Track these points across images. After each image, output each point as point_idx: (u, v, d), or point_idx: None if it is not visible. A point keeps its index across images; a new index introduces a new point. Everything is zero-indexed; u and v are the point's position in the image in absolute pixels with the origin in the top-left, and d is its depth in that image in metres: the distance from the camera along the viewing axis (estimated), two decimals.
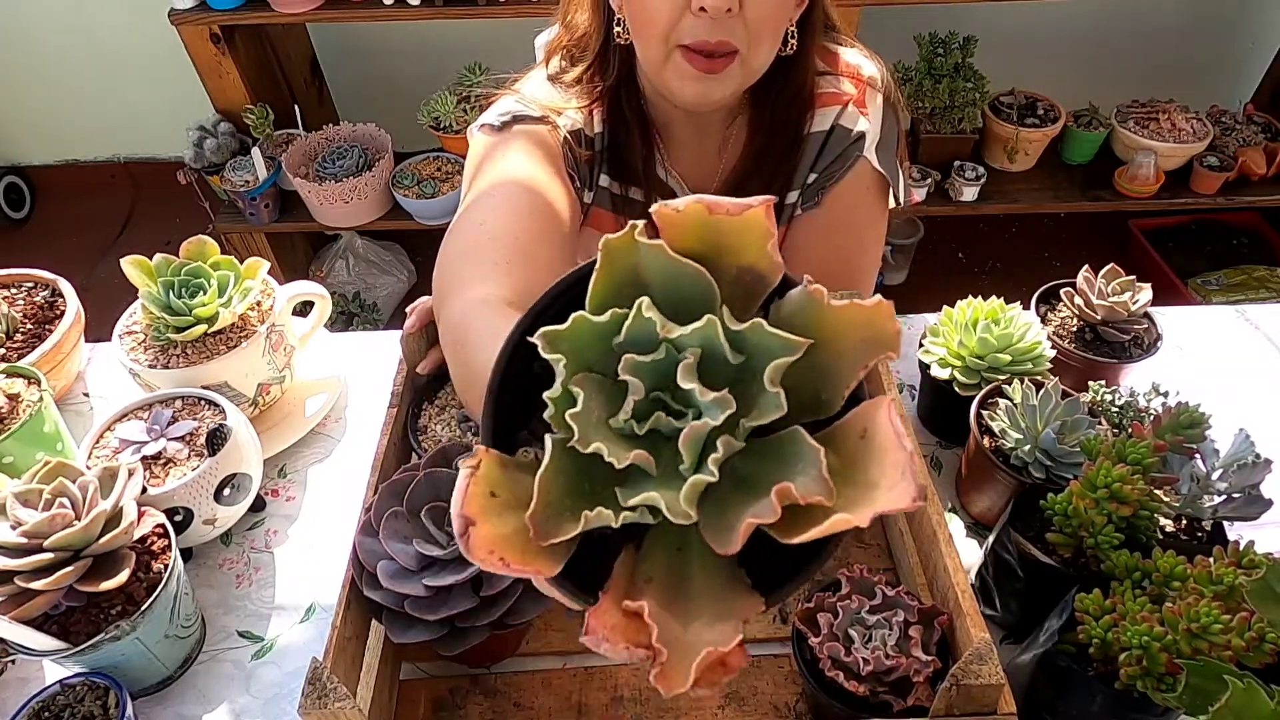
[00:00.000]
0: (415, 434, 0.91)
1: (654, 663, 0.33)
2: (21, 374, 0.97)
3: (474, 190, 0.87)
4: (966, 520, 0.94)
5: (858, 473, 0.34)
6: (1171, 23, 2.48)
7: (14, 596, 0.72)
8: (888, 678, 0.68)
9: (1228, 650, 0.60)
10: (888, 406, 0.34)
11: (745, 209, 0.35)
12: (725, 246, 0.37)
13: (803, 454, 0.34)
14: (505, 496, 0.35)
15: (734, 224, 0.36)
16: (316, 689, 0.63)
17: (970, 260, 2.71)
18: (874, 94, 0.98)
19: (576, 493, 0.36)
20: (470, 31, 2.40)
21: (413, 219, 2.26)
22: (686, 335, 0.34)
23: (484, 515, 0.34)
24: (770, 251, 0.36)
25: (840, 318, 0.35)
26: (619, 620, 0.34)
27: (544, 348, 0.35)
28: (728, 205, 0.35)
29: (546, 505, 0.35)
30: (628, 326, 0.35)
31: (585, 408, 0.34)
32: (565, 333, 0.35)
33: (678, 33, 0.80)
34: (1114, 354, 0.98)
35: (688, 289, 0.36)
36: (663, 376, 0.36)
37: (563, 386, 0.35)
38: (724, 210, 0.35)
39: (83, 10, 2.50)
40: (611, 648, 0.33)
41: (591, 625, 0.34)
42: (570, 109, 0.94)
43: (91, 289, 2.50)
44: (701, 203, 0.35)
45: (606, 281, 0.36)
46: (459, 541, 0.34)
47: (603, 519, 0.34)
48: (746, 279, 0.37)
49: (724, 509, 0.35)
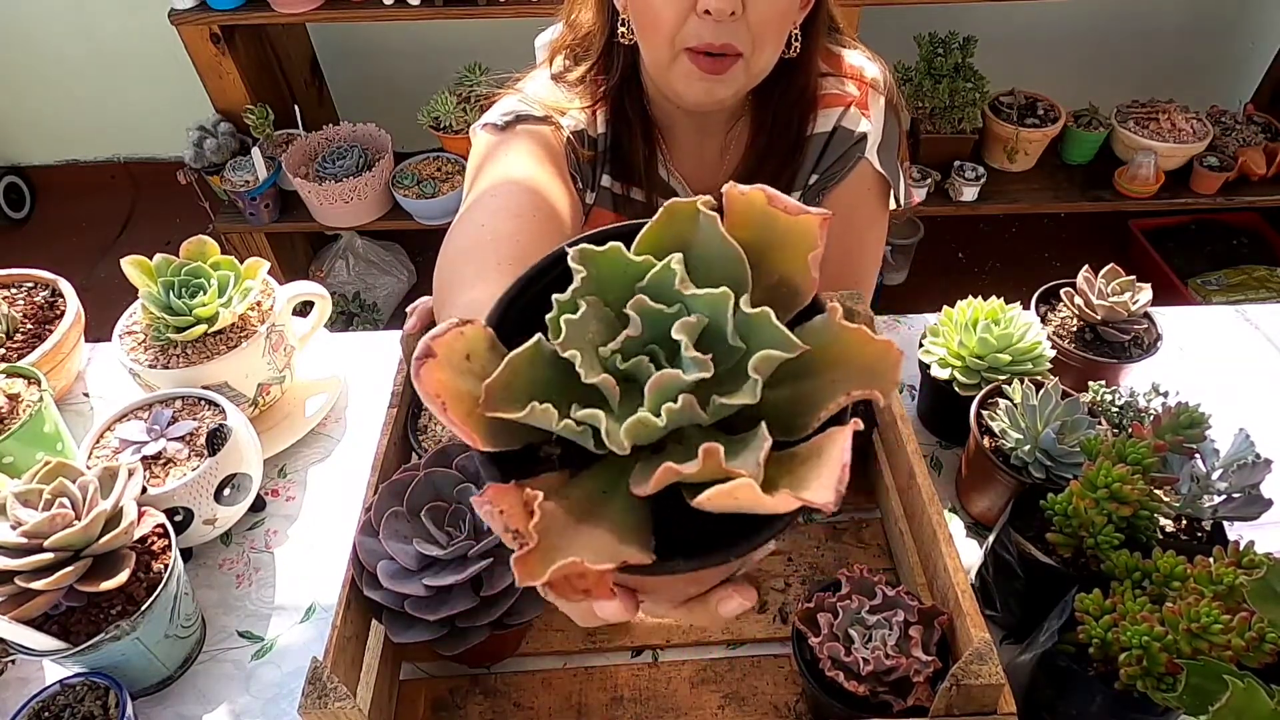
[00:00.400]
0: (415, 434, 0.91)
1: (521, 545, 0.33)
2: (21, 374, 0.97)
3: (476, 190, 0.87)
4: (966, 520, 0.94)
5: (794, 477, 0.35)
6: (1171, 23, 2.48)
7: (14, 596, 0.72)
8: (888, 678, 0.68)
9: (1228, 650, 0.60)
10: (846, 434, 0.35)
11: (802, 212, 0.36)
12: (772, 248, 0.37)
13: (751, 441, 0.35)
14: (476, 368, 0.36)
15: (788, 224, 0.37)
16: (316, 689, 0.63)
17: (970, 260, 2.71)
18: (876, 96, 0.98)
19: (537, 388, 0.36)
20: (470, 31, 2.40)
21: (413, 219, 2.26)
22: (700, 297, 0.35)
23: (447, 362, 0.35)
24: (810, 265, 0.37)
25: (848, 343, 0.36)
26: (513, 504, 0.34)
27: (574, 258, 0.36)
28: (788, 204, 0.36)
29: (505, 384, 0.35)
30: (652, 273, 0.36)
31: (582, 319, 0.35)
32: (598, 255, 0.36)
33: (682, 35, 0.80)
34: (1114, 354, 0.98)
35: (724, 271, 0.37)
36: (664, 332, 0.36)
37: (572, 294, 0.35)
38: (782, 206, 0.36)
39: (83, 10, 2.50)
40: (491, 514, 0.34)
41: (488, 493, 0.34)
42: (573, 109, 0.94)
43: (91, 289, 2.50)
44: (764, 191, 0.36)
45: (657, 235, 0.37)
46: (412, 367, 0.34)
47: (545, 416, 0.34)
48: (782, 290, 0.38)
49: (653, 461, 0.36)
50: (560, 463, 0.39)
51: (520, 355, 0.35)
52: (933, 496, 0.77)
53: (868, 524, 0.91)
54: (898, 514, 0.85)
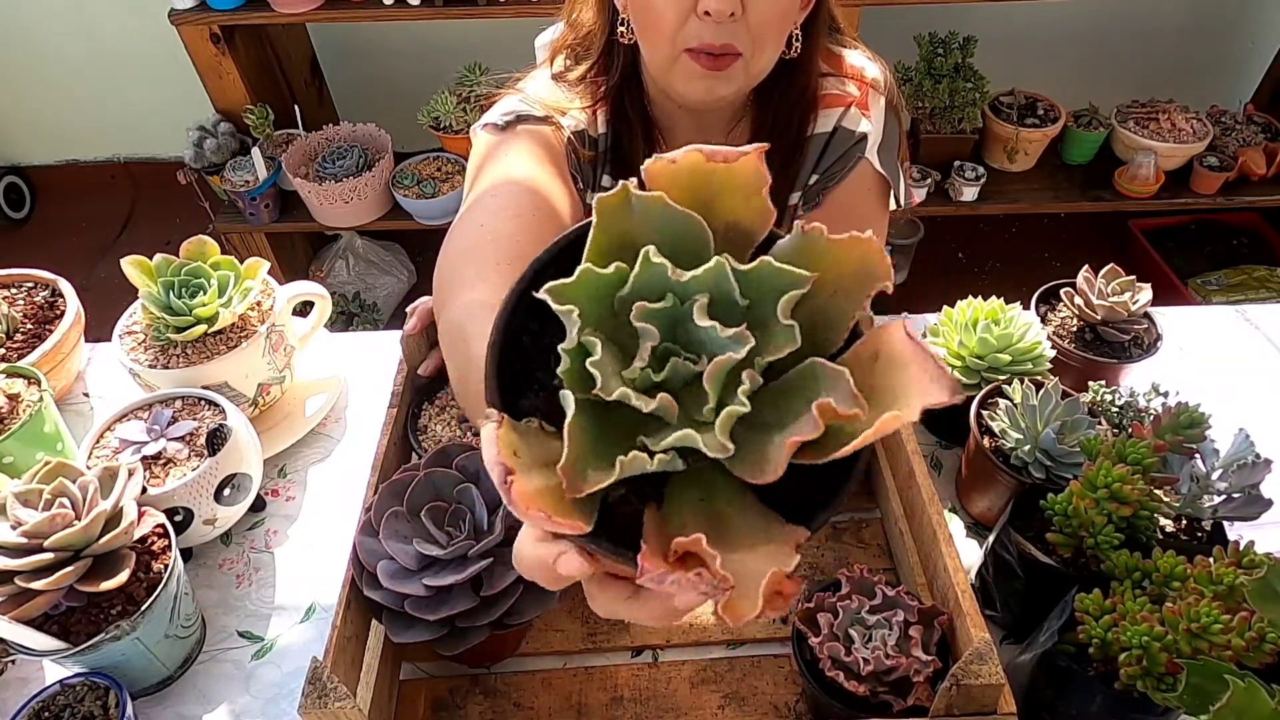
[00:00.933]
0: (415, 434, 0.91)
1: (721, 591, 0.32)
2: (21, 374, 0.97)
3: (476, 190, 0.87)
4: (966, 520, 0.94)
5: (882, 391, 0.34)
6: (1171, 23, 2.48)
7: (14, 596, 0.72)
8: (888, 678, 0.68)
9: (1228, 650, 0.60)
10: (901, 325, 0.34)
11: (740, 155, 0.35)
12: (717, 199, 0.37)
13: (826, 377, 0.34)
14: (525, 459, 0.35)
15: (728, 172, 0.36)
16: (316, 689, 0.63)
17: (970, 260, 2.71)
18: (876, 96, 0.98)
19: (602, 443, 0.35)
20: (470, 31, 2.40)
21: (413, 219, 2.26)
22: (698, 276, 0.34)
23: (517, 469, 0.34)
24: (761, 199, 0.36)
25: (836, 253, 0.36)
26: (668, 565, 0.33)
27: (553, 299, 0.34)
28: (724, 153, 0.36)
29: (577, 458, 0.34)
30: (635, 275, 0.35)
31: (603, 357, 0.34)
32: (572, 286, 0.35)
33: (683, 35, 0.80)
34: (1114, 354, 0.98)
35: (684, 240, 0.36)
36: (669, 327, 0.35)
37: (577, 338, 0.34)
38: (720, 157, 0.36)
39: (83, 10, 2.50)
40: (681, 582, 0.32)
41: (645, 567, 0.33)
42: (574, 109, 0.94)
43: (91, 289, 2.49)
44: (699, 151, 0.36)
45: (602, 240, 0.36)
46: (501, 490, 0.33)
47: (638, 463, 0.33)
48: (734, 235, 0.37)
49: (754, 445, 0.35)
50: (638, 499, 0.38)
51: (573, 425, 0.34)
52: (933, 496, 0.77)
53: (868, 524, 0.91)
54: (898, 514, 0.85)
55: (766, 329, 0.35)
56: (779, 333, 0.34)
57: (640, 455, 0.33)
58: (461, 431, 0.90)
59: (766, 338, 0.35)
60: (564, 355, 0.35)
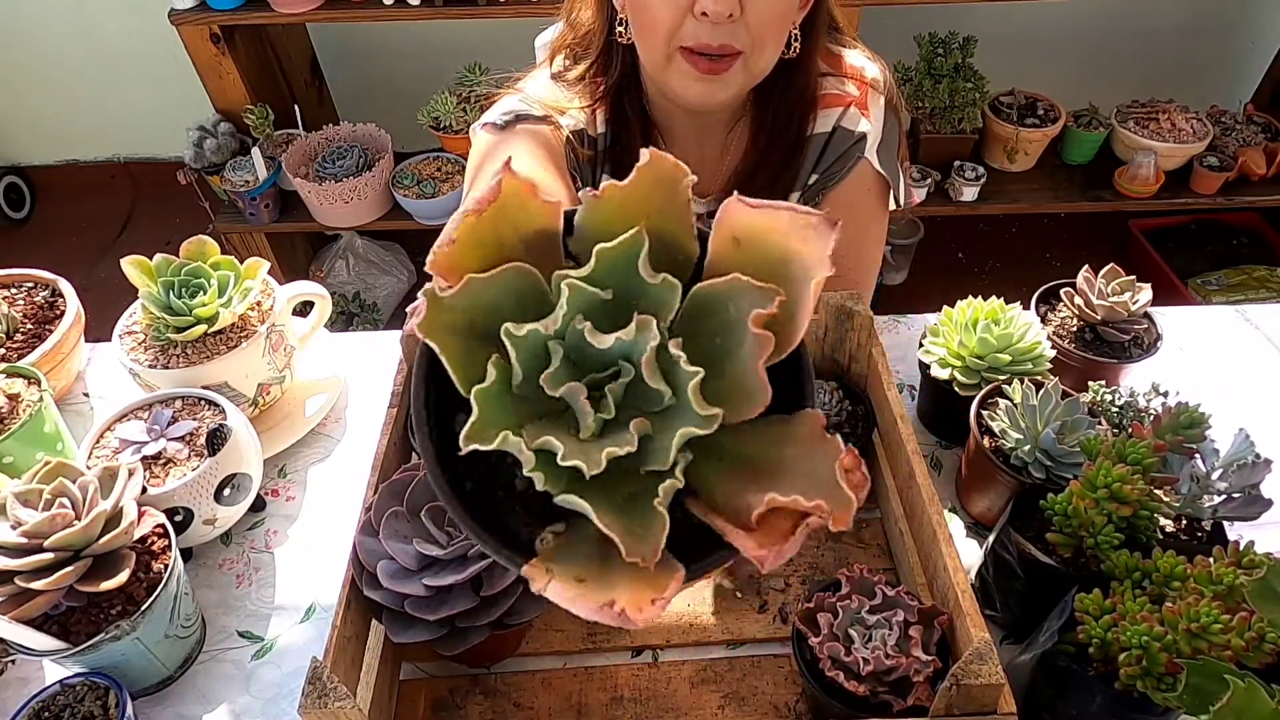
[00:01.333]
0: (415, 434, 0.91)
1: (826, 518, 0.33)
2: (21, 374, 0.97)
3: (475, 189, 0.87)
4: (966, 520, 0.94)
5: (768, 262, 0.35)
6: (1171, 23, 2.48)
7: (14, 596, 0.72)
8: (888, 678, 0.68)
9: (1228, 650, 0.60)
10: (734, 200, 0.36)
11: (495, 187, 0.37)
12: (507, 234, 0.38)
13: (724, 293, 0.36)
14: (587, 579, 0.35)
15: (498, 208, 0.37)
16: (316, 689, 0.63)
17: (970, 260, 2.71)
18: (876, 96, 0.98)
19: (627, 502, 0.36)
20: (470, 31, 2.40)
21: (413, 219, 2.26)
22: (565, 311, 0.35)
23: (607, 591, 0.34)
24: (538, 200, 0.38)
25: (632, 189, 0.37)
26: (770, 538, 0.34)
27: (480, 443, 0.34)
28: (485, 196, 0.37)
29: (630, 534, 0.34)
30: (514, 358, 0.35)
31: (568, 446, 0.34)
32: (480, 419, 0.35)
33: (680, 35, 0.80)
34: (1114, 354, 0.98)
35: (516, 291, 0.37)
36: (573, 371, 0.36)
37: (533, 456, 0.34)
38: (485, 201, 0.37)
39: (83, 10, 2.50)
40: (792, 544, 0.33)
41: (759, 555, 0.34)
42: (573, 108, 0.94)
43: (91, 289, 2.49)
44: (465, 214, 0.37)
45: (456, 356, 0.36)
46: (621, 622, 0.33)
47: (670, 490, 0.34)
48: (538, 244, 0.38)
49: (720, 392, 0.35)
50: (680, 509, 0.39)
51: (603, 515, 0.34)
52: (933, 496, 0.77)
53: (868, 524, 0.91)
54: (898, 514, 0.85)
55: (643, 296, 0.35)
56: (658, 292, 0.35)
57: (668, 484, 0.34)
58: None
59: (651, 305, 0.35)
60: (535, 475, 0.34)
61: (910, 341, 1.09)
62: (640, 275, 0.34)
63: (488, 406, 0.34)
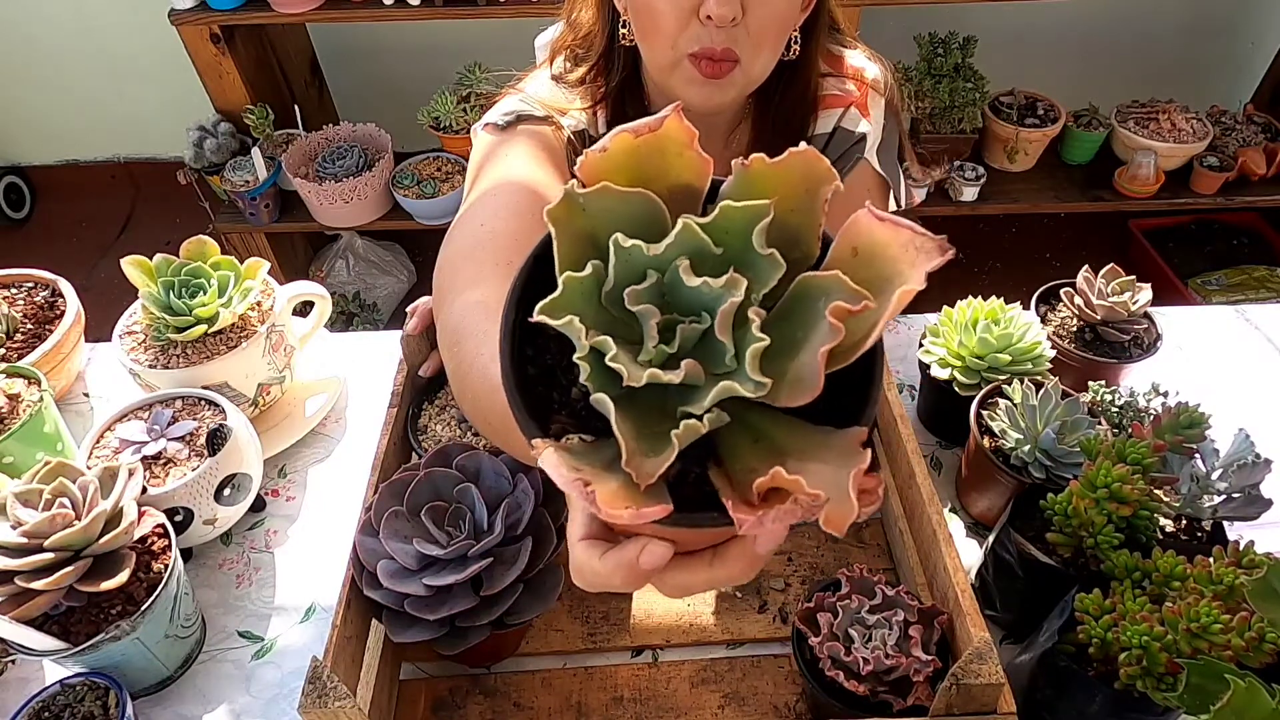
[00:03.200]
0: (415, 434, 0.91)
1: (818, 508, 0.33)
2: (21, 374, 0.97)
3: (476, 190, 0.87)
4: (966, 520, 0.94)
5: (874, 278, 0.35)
6: (1171, 23, 2.48)
7: (14, 596, 0.72)
8: (888, 677, 0.68)
9: (1228, 650, 0.60)
10: (865, 213, 0.35)
11: (662, 121, 0.37)
12: (653, 170, 0.38)
13: (822, 287, 0.35)
14: (587, 471, 0.36)
15: (656, 141, 0.37)
16: (316, 688, 0.63)
17: (970, 260, 2.71)
18: (876, 97, 0.98)
19: (651, 427, 0.36)
20: (470, 31, 2.40)
21: (413, 219, 2.26)
22: (671, 244, 0.36)
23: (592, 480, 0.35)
24: (694, 152, 0.38)
25: (780, 173, 0.37)
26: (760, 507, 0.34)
27: (549, 318, 0.35)
28: (648, 123, 0.37)
29: (635, 450, 0.35)
30: (613, 266, 0.36)
31: (619, 352, 0.35)
32: (559, 299, 0.36)
33: (684, 39, 0.80)
34: (1114, 354, 0.98)
35: (641, 218, 0.37)
36: (662, 297, 0.37)
37: (587, 344, 0.35)
38: (646, 129, 0.37)
39: (83, 10, 2.51)
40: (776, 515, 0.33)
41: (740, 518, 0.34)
42: (574, 109, 0.94)
43: (91, 289, 2.50)
44: (625, 131, 0.37)
45: (566, 248, 0.37)
46: (584, 500, 0.33)
47: (692, 431, 0.34)
48: (680, 196, 0.39)
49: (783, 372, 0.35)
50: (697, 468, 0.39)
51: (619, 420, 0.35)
52: (933, 496, 0.77)
53: (868, 524, 0.91)
54: (898, 514, 0.85)
55: (750, 266, 0.36)
56: (763, 265, 0.35)
57: (692, 423, 0.34)
58: (461, 432, 0.90)
59: (754, 274, 0.36)
60: (581, 364, 0.35)
61: (910, 341, 1.09)
62: (754, 245, 0.35)
63: (571, 292, 0.36)
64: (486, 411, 0.63)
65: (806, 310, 0.36)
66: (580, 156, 0.38)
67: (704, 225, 0.36)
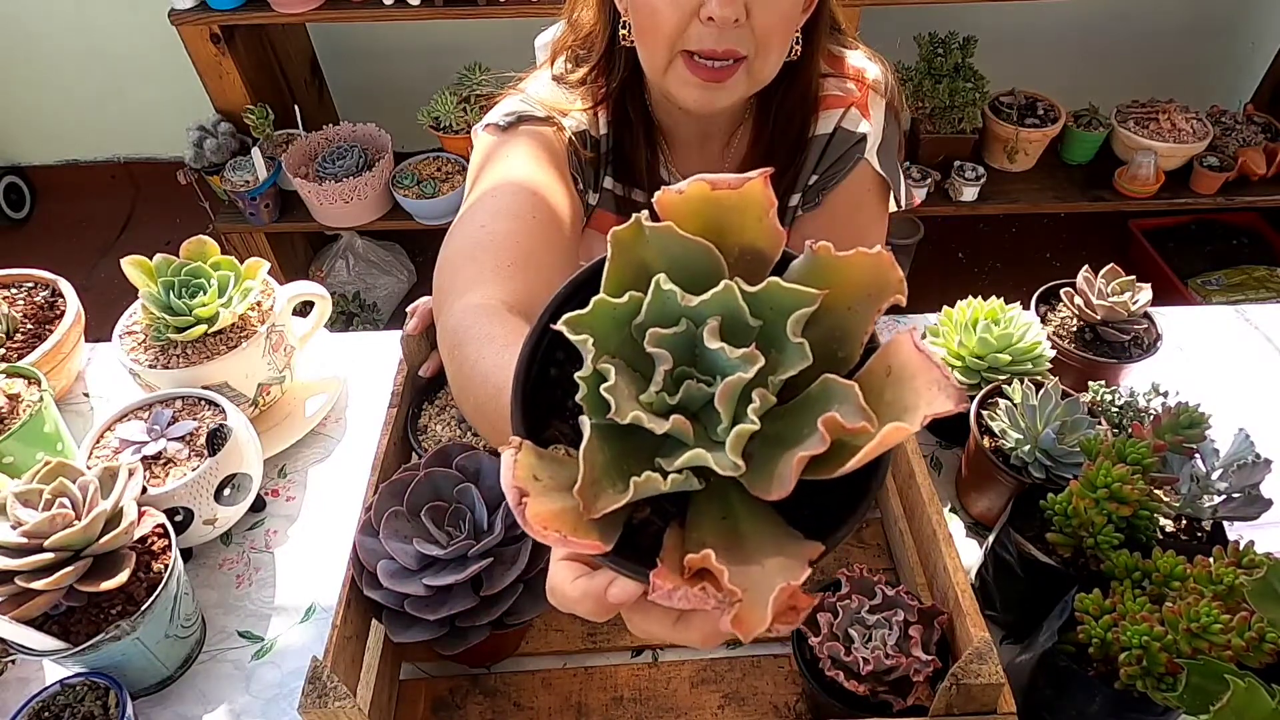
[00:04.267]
0: (415, 434, 0.91)
1: (730, 604, 0.33)
2: (21, 374, 0.97)
3: (477, 190, 0.87)
4: (966, 520, 0.94)
5: (893, 403, 0.35)
6: (1171, 23, 2.48)
7: (14, 596, 0.72)
8: (888, 677, 0.68)
9: (1228, 650, 0.60)
10: (909, 336, 0.35)
11: (744, 182, 0.37)
12: (727, 225, 0.38)
13: (836, 394, 0.35)
14: (546, 482, 0.36)
15: (735, 199, 0.37)
16: (316, 688, 0.63)
17: (970, 260, 2.71)
18: (877, 97, 0.98)
19: (619, 466, 0.36)
20: (470, 31, 2.40)
21: (413, 219, 2.26)
22: (707, 301, 0.35)
23: (534, 491, 0.35)
24: (770, 221, 0.37)
25: (847, 269, 0.36)
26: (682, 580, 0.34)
27: (569, 330, 0.36)
28: (729, 179, 0.37)
29: (593, 481, 0.35)
30: (648, 304, 0.36)
31: (618, 382, 0.35)
32: (587, 316, 0.36)
33: (684, 39, 0.80)
34: (1114, 354, 0.98)
35: (697, 267, 0.37)
36: (684, 351, 0.37)
37: (593, 365, 0.36)
38: (725, 185, 0.37)
39: (83, 10, 2.50)
40: (688, 596, 0.33)
41: (658, 582, 0.34)
42: (575, 110, 0.94)
43: (91, 289, 2.50)
44: (704, 181, 0.37)
45: (618, 271, 0.38)
46: (515, 512, 0.34)
47: (651, 483, 0.34)
48: (749, 258, 0.38)
49: (767, 462, 0.36)
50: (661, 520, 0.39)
51: (589, 448, 0.35)
52: (933, 496, 0.77)
53: (868, 524, 0.91)
54: (898, 514, 0.85)
55: (780, 348, 0.36)
56: (791, 351, 0.35)
57: (654, 476, 0.34)
58: (461, 431, 0.90)
59: (779, 357, 0.36)
60: (580, 383, 0.36)
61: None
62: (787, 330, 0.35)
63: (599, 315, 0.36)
64: (490, 414, 0.63)
65: (814, 411, 0.35)
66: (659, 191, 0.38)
67: (747, 294, 0.36)
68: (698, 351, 0.36)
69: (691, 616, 0.39)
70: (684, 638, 0.40)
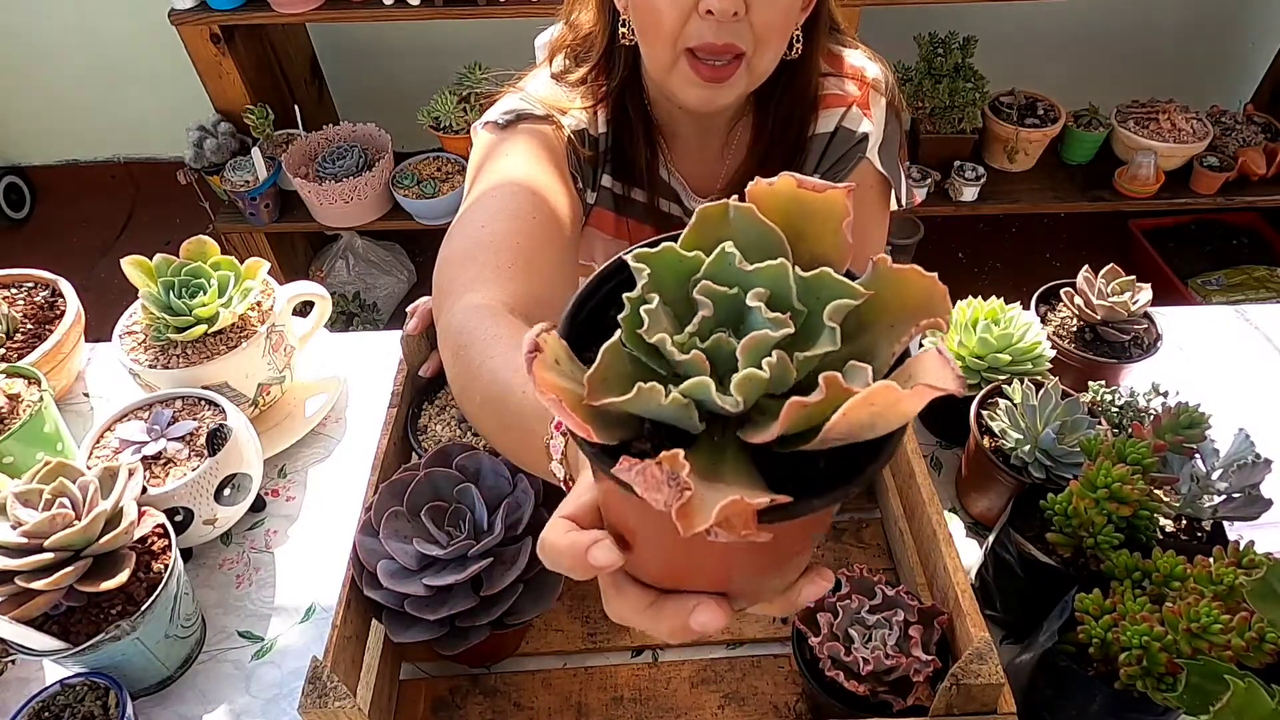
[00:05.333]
0: (415, 434, 0.91)
1: (680, 491, 0.34)
2: (21, 374, 0.97)
3: (476, 190, 0.87)
4: (966, 520, 0.94)
5: None
6: (1171, 23, 2.48)
7: (14, 596, 0.72)
8: (888, 677, 0.68)
9: (1228, 650, 0.60)
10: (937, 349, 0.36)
11: (828, 187, 0.38)
12: (806, 229, 0.40)
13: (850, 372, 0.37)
14: (563, 367, 0.38)
15: (818, 201, 0.39)
16: (316, 688, 0.63)
17: (970, 260, 2.71)
18: (877, 96, 0.98)
19: (631, 373, 0.38)
20: (470, 31, 2.40)
21: (413, 219, 2.27)
22: (761, 269, 0.37)
23: (546, 360, 0.36)
24: (844, 234, 0.39)
25: (899, 283, 0.38)
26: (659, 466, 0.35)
27: (634, 259, 0.38)
28: (814, 183, 0.39)
29: (604, 376, 0.36)
30: (709, 263, 0.38)
31: (658, 308, 0.37)
32: (654, 255, 0.38)
33: (684, 36, 0.80)
34: (1114, 354, 0.98)
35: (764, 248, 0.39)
36: (728, 312, 0.38)
37: (641, 290, 0.37)
38: (810, 186, 0.39)
39: (83, 11, 2.51)
40: (642, 475, 0.34)
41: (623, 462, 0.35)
42: (575, 108, 0.94)
43: (91, 289, 2.50)
44: (792, 177, 0.39)
45: (694, 240, 0.40)
46: (525, 360, 0.35)
47: (653, 394, 0.35)
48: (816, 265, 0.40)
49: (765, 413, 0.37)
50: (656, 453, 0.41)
51: (611, 347, 0.37)
52: (932, 496, 0.77)
53: (868, 524, 0.91)
54: (897, 514, 0.85)
55: (814, 336, 0.37)
56: (824, 336, 0.37)
57: (657, 388, 0.35)
58: (461, 432, 0.90)
59: (809, 338, 0.37)
60: (626, 302, 0.37)
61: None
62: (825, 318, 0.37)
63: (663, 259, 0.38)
64: (495, 414, 0.63)
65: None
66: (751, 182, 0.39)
67: (798, 276, 0.37)
68: (740, 317, 0.38)
69: (663, 604, 0.41)
70: (653, 626, 0.41)
